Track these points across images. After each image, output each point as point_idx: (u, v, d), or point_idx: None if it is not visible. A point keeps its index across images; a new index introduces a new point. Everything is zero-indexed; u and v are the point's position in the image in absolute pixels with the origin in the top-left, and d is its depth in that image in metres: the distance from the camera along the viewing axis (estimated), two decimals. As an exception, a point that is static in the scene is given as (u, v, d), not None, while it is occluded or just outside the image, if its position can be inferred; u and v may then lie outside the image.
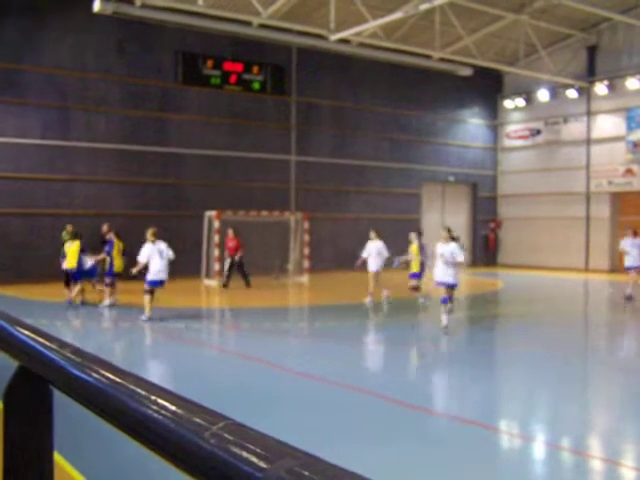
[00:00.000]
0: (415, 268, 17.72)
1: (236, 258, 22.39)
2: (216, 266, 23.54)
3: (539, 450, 7.23)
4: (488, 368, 11.38)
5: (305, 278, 25.49)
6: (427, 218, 34.01)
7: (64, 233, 19.93)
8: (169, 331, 14.03)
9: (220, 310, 19.13)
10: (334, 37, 24.72)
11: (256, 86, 27.93)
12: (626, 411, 8.72)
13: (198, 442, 0.87)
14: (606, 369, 11.35)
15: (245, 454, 0.81)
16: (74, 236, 17.12)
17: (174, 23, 24.88)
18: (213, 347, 13.18)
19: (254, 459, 0.80)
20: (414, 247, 18.29)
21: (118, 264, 16.91)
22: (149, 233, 14.82)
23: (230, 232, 22.59)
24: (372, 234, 19.71)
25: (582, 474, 6.48)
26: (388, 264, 18.57)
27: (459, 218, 35.78)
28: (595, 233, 32.18)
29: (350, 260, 29.56)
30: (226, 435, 0.86)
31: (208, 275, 23.81)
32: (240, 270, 22.66)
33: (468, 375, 10.44)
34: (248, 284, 22.48)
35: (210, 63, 26.83)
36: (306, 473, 0.76)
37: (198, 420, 0.92)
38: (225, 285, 22.57)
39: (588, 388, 10.04)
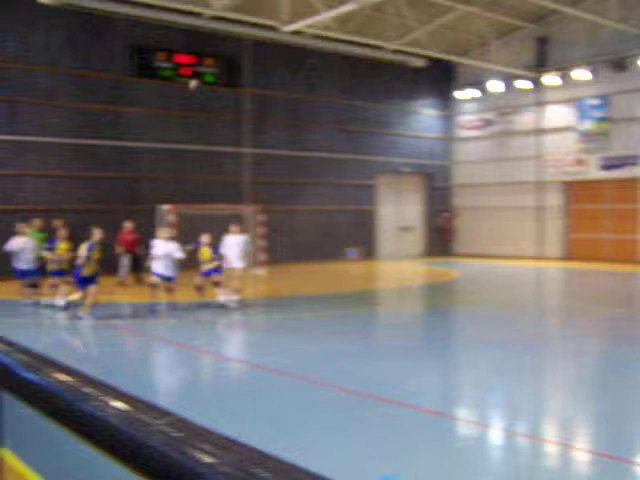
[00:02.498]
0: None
1: (137, 252, 21.29)
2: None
3: (491, 435, 7.32)
4: (442, 356, 11.47)
5: (262, 270, 25.43)
6: (383, 209, 34.18)
7: (29, 230, 18.71)
8: (116, 326, 13.89)
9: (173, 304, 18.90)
10: (287, 29, 24.64)
11: (209, 78, 27.69)
12: (578, 396, 8.87)
13: (143, 439, 0.85)
14: (559, 354, 11.53)
15: (190, 450, 0.79)
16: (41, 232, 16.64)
17: (124, 15, 24.54)
18: (167, 341, 13.06)
19: (199, 455, 0.78)
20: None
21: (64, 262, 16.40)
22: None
23: (129, 225, 22.03)
24: (233, 227, 16.96)
25: (526, 458, 6.58)
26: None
27: (414, 208, 36.04)
28: (547, 222, 32.66)
29: (307, 252, 29.74)
30: (171, 431, 0.84)
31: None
32: (137, 265, 21.43)
33: (420, 364, 10.51)
34: (139, 281, 21.13)
35: (162, 55, 26.50)
36: (251, 468, 0.74)
37: (143, 417, 0.89)
38: (139, 280, 21.45)
39: (541, 374, 10.18)
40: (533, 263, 30.83)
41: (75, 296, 15.41)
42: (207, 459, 0.76)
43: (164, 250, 15.32)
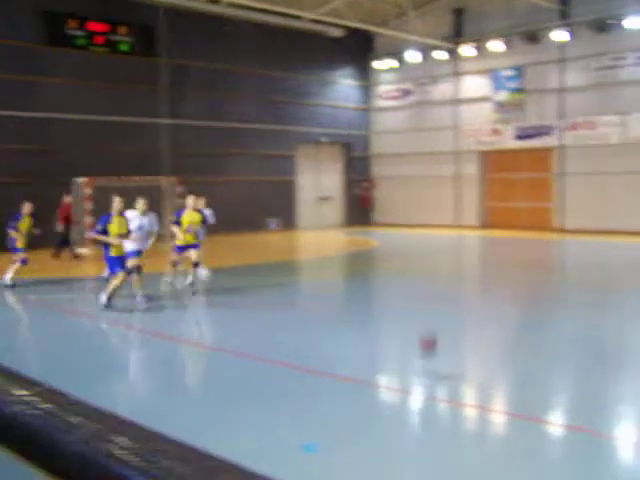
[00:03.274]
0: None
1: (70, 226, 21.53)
2: (87, 234, 22.80)
3: (410, 401, 7.44)
4: (365, 325, 11.57)
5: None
6: (302, 179, 34.18)
7: None
8: (49, 303, 13.56)
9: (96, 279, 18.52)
10: (203, -4, 24.22)
11: (124, 47, 26.99)
12: (497, 358, 9.09)
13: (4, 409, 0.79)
14: (479, 319, 11.79)
15: (57, 422, 0.75)
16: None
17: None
18: (80, 315, 12.79)
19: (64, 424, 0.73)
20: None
21: None
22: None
23: (68, 199, 21.83)
24: (140, 204, 14.41)
25: (454, 422, 6.72)
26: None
27: (334, 178, 36.15)
28: (465, 191, 33.24)
29: (227, 223, 29.39)
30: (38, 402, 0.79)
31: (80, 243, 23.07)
32: (64, 239, 21.69)
33: (344, 333, 10.59)
34: (58, 255, 21.36)
35: (73, 23, 25.64)
36: (111, 435, 0.71)
37: (10, 388, 0.83)
38: (77, 255, 21.64)
39: (460, 339, 10.37)
40: (451, 231, 31.37)
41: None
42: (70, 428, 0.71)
43: (140, 223, 13.78)
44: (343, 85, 35.64)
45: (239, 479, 0.81)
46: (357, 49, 35.22)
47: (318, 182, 35.29)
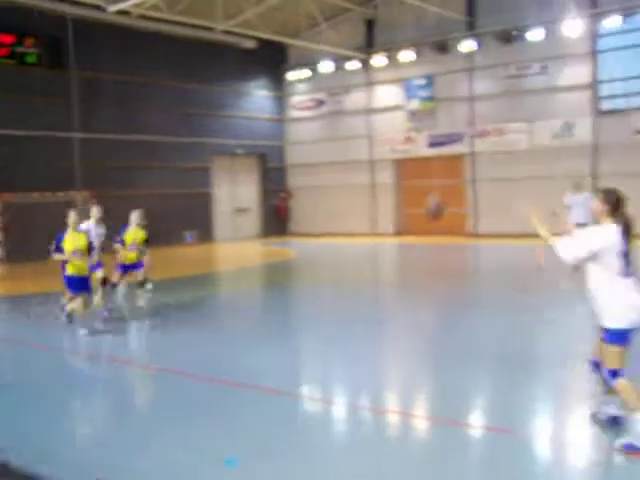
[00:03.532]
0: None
1: None
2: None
3: (333, 410, 7.50)
4: (285, 336, 11.59)
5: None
6: (219, 191, 34.00)
7: None
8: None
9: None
10: (112, 8, 23.85)
11: (31, 59, 26.32)
12: (417, 365, 9.23)
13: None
14: (396, 326, 11.95)
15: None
16: None
17: None
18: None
19: None
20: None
21: None
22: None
23: None
24: (93, 211, 13.73)
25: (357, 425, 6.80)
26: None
27: (250, 189, 36.09)
28: (380, 199, 33.68)
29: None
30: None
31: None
32: None
33: (265, 345, 10.58)
34: None
35: (-23, 34, 24.92)
36: None
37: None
38: None
39: (380, 346, 10.49)
40: (368, 240, 31.70)
41: None
42: None
43: (96, 232, 13.08)
44: (257, 96, 35.66)
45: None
46: (270, 60, 35.31)
47: (234, 194, 35.17)
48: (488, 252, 26.10)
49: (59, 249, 11.46)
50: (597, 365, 6.33)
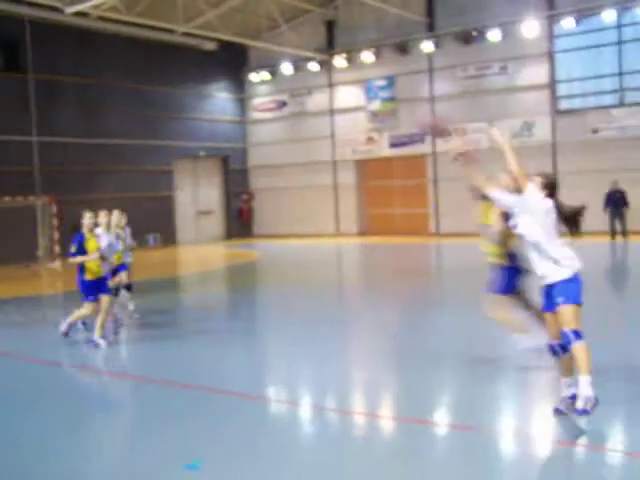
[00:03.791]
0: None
1: None
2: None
3: (299, 413, 7.51)
4: (249, 339, 11.57)
5: (57, 264, 24.37)
6: (181, 194, 33.83)
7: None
8: None
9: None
10: (70, 10, 23.61)
11: (-13, 62, 25.99)
12: (381, 366, 9.28)
13: None
14: (360, 327, 12.00)
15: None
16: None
17: None
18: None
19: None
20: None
21: None
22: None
23: None
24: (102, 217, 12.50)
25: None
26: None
27: (212, 192, 35.97)
28: (343, 199, 33.78)
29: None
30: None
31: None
32: None
33: (228, 347, 10.56)
34: None
35: None
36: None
37: None
38: None
39: (342, 348, 10.53)
40: (332, 240, 31.77)
41: None
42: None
43: (109, 241, 12.22)
44: (219, 98, 35.56)
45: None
46: (231, 62, 35.24)
47: (197, 196, 35.02)
48: (450, 251, 26.32)
49: (82, 252, 10.65)
50: (557, 347, 6.47)
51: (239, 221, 36.40)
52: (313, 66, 32.99)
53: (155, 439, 6.56)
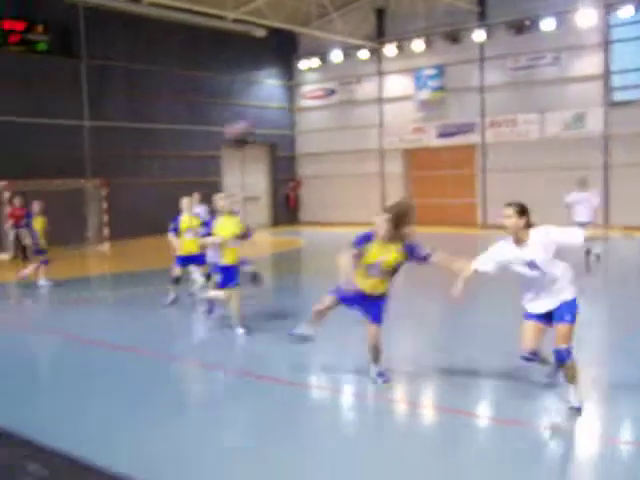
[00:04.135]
0: None
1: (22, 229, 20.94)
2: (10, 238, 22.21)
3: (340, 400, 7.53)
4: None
5: (106, 246, 24.75)
6: (227, 180, 34.00)
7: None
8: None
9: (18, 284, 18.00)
10: (123, -5, 23.88)
11: (41, 47, 26.33)
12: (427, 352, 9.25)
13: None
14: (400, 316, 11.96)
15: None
16: None
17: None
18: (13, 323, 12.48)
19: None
20: None
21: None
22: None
23: (17, 202, 21.18)
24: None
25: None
26: None
27: (259, 178, 36.10)
28: (390, 188, 33.61)
29: (148, 226, 28.61)
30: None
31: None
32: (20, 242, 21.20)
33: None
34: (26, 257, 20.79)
35: (-13, 21, 24.93)
36: None
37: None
38: (26, 258, 21.05)
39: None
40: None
41: None
42: None
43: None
44: (268, 85, 35.62)
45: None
46: (281, 49, 35.24)
47: (244, 182, 35.18)
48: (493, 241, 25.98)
49: (209, 234, 10.59)
50: (535, 355, 6.72)
51: (286, 208, 36.50)
52: (363, 54, 32.82)
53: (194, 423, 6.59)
